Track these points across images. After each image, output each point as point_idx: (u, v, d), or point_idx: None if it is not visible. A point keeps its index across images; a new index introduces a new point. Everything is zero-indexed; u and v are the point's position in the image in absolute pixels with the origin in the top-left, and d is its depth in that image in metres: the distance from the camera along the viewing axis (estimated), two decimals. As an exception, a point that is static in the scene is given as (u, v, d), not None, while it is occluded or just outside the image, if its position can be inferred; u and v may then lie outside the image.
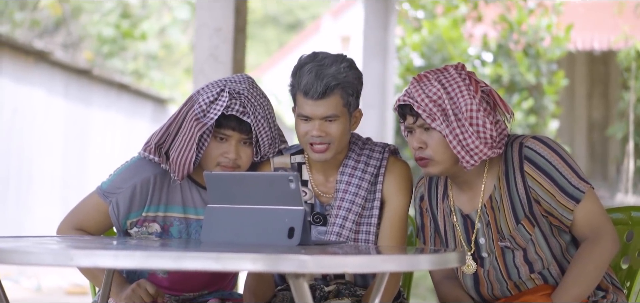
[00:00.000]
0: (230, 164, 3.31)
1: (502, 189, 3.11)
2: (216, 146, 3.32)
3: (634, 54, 11.70)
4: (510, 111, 3.12)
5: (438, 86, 3.05)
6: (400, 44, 12.31)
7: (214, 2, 6.44)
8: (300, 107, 3.27)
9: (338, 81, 3.23)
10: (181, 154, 3.31)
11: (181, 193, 3.42)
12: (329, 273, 3.15)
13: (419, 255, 2.59)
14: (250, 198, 2.93)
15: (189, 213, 3.43)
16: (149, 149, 3.35)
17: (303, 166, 3.46)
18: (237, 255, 2.35)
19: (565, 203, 3.03)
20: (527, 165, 3.06)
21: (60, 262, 2.34)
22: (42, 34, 17.51)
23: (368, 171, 3.39)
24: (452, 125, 3.03)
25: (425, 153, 3.09)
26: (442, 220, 3.25)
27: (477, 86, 3.06)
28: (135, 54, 19.47)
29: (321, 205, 3.41)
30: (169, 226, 3.41)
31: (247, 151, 3.35)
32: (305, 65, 3.26)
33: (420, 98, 3.06)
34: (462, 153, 3.03)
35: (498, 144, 3.07)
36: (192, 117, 3.29)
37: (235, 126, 3.30)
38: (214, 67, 6.38)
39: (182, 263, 2.35)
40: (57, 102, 11.61)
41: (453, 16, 12.10)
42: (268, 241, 2.85)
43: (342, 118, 3.27)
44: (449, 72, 3.09)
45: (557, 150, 3.07)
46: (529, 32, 12.03)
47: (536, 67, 11.86)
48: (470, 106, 3.03)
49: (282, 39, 28.06)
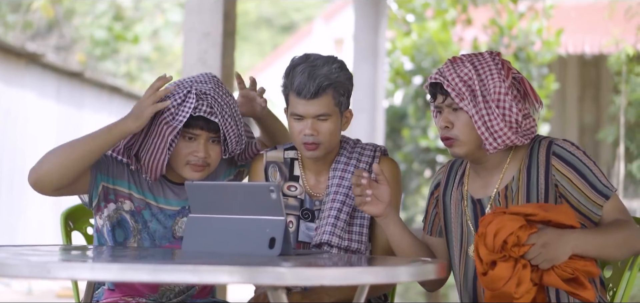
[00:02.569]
0: (200, 162, 3.37)
1: (521, 181, 3.14)
2: (185, 145, 3.37)
3: (624, 58, 11.68)
4: (539, 100, 3.17)
5: (470, 67, 3.11)
6: (391, 48, 12.32)
7: (202, 7, 6.46)
8: (293, 107, 3.38)
9: (330, 81, 3.34)
10: (153, 157, 3.35)
11: (152, 184, 3.47)
12: (307, 285, 3.18)
13: (397, 266, 2.61)
14: (232, 207, 2.94)
15: (160, 202, 3.46)
16: (117, 151, 3.42)
17: (295, 162, 3.56)
18: (214, 267, 2.36)
19: (595, 198, 3.07)
20: (555, 160, 3.09)
21: (37, 275, 2.35)
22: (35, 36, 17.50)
23: (360, 168, 3.47)
24: (479, 106, 3.08)
25: (451, 133, 3.14)
26: (454, 207, 3.29)
27: (508, 71, 3.12)
28: (127, 56, 19.46)
29: (311, 201, 3.50)
30: (142, 209, 3.44)
31: (216, 148, 3.41)
32: (297, 66, 3.37)
33: (451, 77, 3.11)
34: (486, 134, 3.08)
35: (524, 131, 3.12)
36: (161, 120, 3.32)
37: (203, 125, 3.36)
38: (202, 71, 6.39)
39: (159, 276, 2.36)
40: (48, 105, 11.60)
41: (443, 20, 12.10)
42: (249, 251, 2.86)
43: (333, 117, 3.39)
44: (484, 57, 3.15)
45: (586, 153, 3.12)
46: (519, 36, 12.03)
47: (527, 71, 11.87)
48: (499, 88, 3.08)
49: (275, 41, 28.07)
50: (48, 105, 11.60)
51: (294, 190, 3.52)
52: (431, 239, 3.40)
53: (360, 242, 3.45)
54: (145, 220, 3.43)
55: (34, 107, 11.25)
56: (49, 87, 11.60)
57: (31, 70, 11.12)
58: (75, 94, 12.29)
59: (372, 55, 9.72)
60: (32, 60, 11.09)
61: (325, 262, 2.78)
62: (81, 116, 12.48)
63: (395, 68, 12.32)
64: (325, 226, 3.41)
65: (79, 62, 16.81)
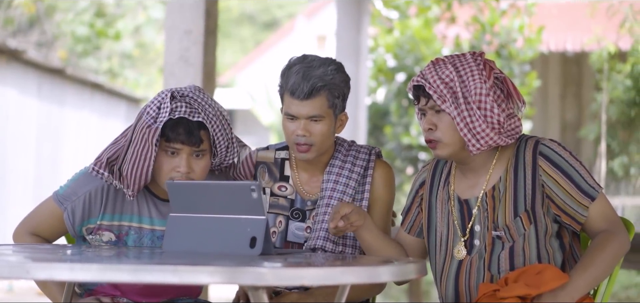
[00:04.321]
0: (184, 178, 3.27)
1: (508, 181, 3.15)
2: (167, 161, 3.29)
3: (606, 55, 11.74)
4: (522, 99, 3.18)
5: (451, 69, 3.12)
6: (373, 45, 12.31)
7: (184, 4, 6.43)
8: (287, 107, 3.38)
9: (324, 82, 3.33)
10: (136, 165, 3.27)
11: (137, 202, 3.40)
12: (288, 285, 3.17)
13: (379, 266, 2.60)
14: (213, 207, 2.93)
15: (144, 223, 3.40)
16: (99, 164, 3.33)
17: (286, 162, 3.55)
18: (194, 267, 2.35)
19: (581, 199, 3.08)
20: (542, 161, 3.11)
21: (16, 275, 2.34)
22: (16, 32, 17.41)
23: (354, 171, 3.48)
24: (460, 107, 3.09)
25: (435, 135, 3.15)
26: (440, 207, 3.28)
27: (490, 72, 3.13)
28: (109, 53, 19.39)
29: (302, 201, 3.49)
30: (124, 235, 3.38)
31: (200, 163, 3.32)
32: (293, 66, 3.37)
33: (432, 79, 3.12)
34: (468, 135, 3.09)
35: (507, 132, 3.13)
36: (142, 126, 3.26)
37: (184, 139, 3.26)
38: (184, 69, 6.38)
39: (139, 276, 2.35)
40: (30, 102, 11.54)
41: (425, 17, 12.11)
42: (230, 251, 2.85)
43: (327, 119, 3.38)
44: (466, 58, 3.16)
45: (572, 153, 3.14)
46: (501, 33, 12.06)
47: (509, 68, 11.89)
48: (480, 89, 3.09)
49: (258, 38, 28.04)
50: (29, 102, 11.54)
51: (284, 190, 3.51)
52: (408, 238, 3.39)
53: (355, 247, 3.45)
54: (128, 247, 3.38)
55: (15, 105, 11.19)
56: (30, 84, 11.54)
57: (12, 67, 11.06)
58: (56, 91, 12.23)
59: (354, 52, 9.72)
60: (13, 57, 11.03)
61: (306, 262, 2.77)
62: (63, 113, 12.43)
63: (377, 65, 12.32)
64: (319, 231, 3.41)
65: (60, 59, 16.73)
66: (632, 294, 10.66)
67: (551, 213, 3.13)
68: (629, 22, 11.05)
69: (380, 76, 12.39)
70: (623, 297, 10.61)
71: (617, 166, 12.21)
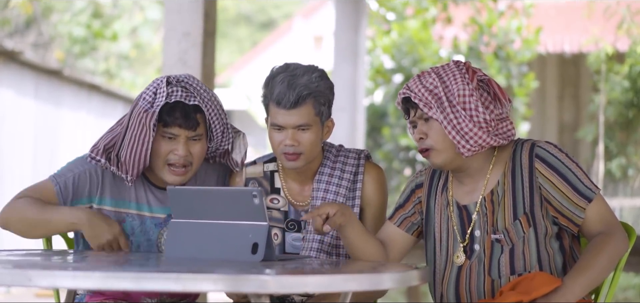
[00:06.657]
0: (181, 161, 3.32)
1: (506, 185, 3.17)
2: (165, 144, 3.32)
3: (603, 56, 11.75)
4: (508, 98, 3.20)
5: (434, 76, 3.16)
6: (371, 46, 12.31)
7: (182, 6, 6.42)
8: (273, 117, 3.33)
9: (310, 90, 3.29)
10: (134, 149, 3.30)
11: (135, 189, 3.42)
12: (290, 293, 3.16)
13: (381, 273, 2.60)
14: (214, 213, 2.92)
15: (143, 210, 3.43)
16: (96, 151, 3.35)
17: (275, 174, 3.50)
18: (197, 275, 2.34)
19: (578, 201, 3.09)
20: (538, 163, 3.12)
21: (18, 283, 2.34)
22: (13, 33, 17.39)
23: (344, 177, 3.46)
24: (446, 111, 3.11)
25: (426, 143, 3.17)
26: (439, 213, 3.28)
27: (473, 75, 3.16)
28: (106, 54, 19.38)
29: (296, 212, 3.46)
30: (121, 222, 3.39)
31: (197, 146, 3.36)
32: (277, 75, 3.32)
33: (417, 89, 3.16)
34: (457, 137, 3.11)
35: (498, 132, 3.15)
36: (139, 111, 3.29)
37: (181, 123, 3.30)
38: (182, 71, 6.35)
39: (141, 284, 2.34)
40: (27, 103, 11.52)
41: (423, 19, 12.11)
42: (232, 257, 2.84)
43: (314, 127, 3.34)
44: (449, 66, 3.21)
45: (569, 155, 3.16)
46: (499, 34, 12.06)
47: (507, 69, 11.90)
48: (463, 91, 3.11)
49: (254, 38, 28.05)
50: (26, 103, 11.53)
51: (276, 202, 3.48)
52: (395, 232, 3.35)
53: (348, 257, 3.42)
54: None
55: (11, 106, 11.17)
56: (27, 85, 11.52)
57: (9, 68, 11.04)
58: (53, 92, 12.22)
59: (352, 53, 9.71)
60: (10, 57, 11.01)
61: (309, 269, 2.76)
62: (59, 114, 12.41)
63: (375, 67, 12.33)
64: (312, 243, 3.40)
65: (57, 60, 16.72)
66: (630, 295, 10.66)
67: (550, 216, 3.14)
68: (627, 23, 11.07)
69: (378, 77, 12.40)
70: (621, 298, 10.61)
71: (614, 168, 12.22)
